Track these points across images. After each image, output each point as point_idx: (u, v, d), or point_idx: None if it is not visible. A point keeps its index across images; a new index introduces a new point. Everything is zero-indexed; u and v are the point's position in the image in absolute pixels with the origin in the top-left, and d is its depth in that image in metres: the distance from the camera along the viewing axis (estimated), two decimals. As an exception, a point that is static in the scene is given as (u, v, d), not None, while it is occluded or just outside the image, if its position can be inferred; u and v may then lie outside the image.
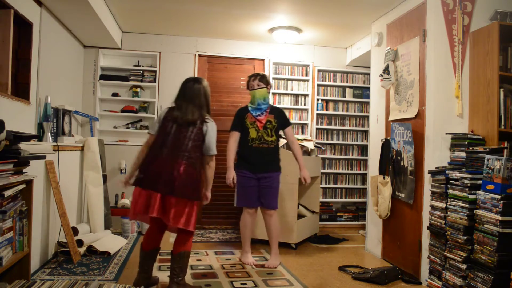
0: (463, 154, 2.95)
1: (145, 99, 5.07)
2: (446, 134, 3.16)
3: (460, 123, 3.19)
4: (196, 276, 3.17)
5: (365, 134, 5.55)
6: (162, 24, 4.75)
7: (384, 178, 3.70)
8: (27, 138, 2.60)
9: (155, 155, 2.68)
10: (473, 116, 3.15)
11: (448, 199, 2.91)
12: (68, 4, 3.47)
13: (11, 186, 2.40)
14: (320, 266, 3.58)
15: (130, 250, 3.87)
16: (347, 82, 5.56)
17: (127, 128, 5.04)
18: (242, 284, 3.02)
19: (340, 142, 5.52)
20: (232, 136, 3.55)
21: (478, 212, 2.65)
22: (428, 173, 3.15)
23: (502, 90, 2.93)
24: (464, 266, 2.71)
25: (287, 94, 5.44)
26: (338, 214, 5.50)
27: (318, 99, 5.47)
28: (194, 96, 2.78)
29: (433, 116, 3.20)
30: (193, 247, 3.35)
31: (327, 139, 5.50)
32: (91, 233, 3.97)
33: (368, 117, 5.11)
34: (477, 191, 2.69)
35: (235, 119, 3.60)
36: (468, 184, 2.74)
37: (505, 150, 2.67)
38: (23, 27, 3.22)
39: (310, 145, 4.57)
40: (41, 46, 3.44)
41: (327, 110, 5.51)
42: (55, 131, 3.72)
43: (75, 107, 4.30)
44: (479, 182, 2.71)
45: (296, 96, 5.46)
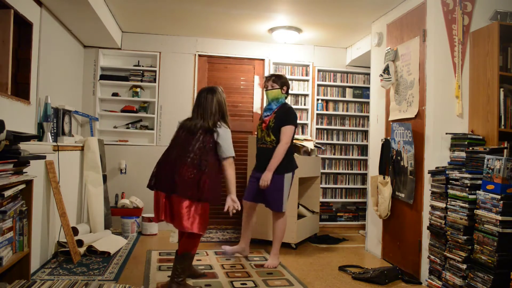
0: (463, 154, 2.95)
1: (145, 99, 5.07)
2: (446, 134, 3.16)
3: (460, 123, 3.19)
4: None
5: (365, 134, 5.56)
6: (162, 24, 4.75)
7: (384, 178, 3.70)
8: (27, 138, 2.60)
9: (164, 158, 2.87)
10: (473, 116, 3.15)
11: (448, 199, 2.91)
12: (68, 4, 3.47)
13: (11, 186, 2.41)
14: (320, 266, 3.58)
15: (130, 250, 3.87)
16: (347, 82, 5.56)
17: (127, 128, 5.04)
18: (242, 284, 3.02)
19: (340, 142, 5.52)
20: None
21: (478, 212, 2.65)
22: (428, 173, 3.15)
23: (502, 90, 2.93)
24: (464, 266, 2.71)
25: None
26: (338, 214, 5.50)
27: (318, 99, 5.47)
28: (207, 106, 2.94)
29: (433, 116, 3.20)
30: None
31: (327, 139, 5.50)
32: (91, 233, 3.97)
33: (368, 117, 5.11)
34: (477, 191, 2.69)
35: None
36: (468, 184, 2.74)
37: (505, 150, 2.67)
38: (23, 27, 3.22)
39: (310, 145, 4.57)
40: (41, 46, 3.44)
41: (327, 110, 5.51)
42: (55, 131, 3.72)
43: (75, 107, 4.30)
44: (479, 182, 2.71)
45: (296, 96, 5.46)
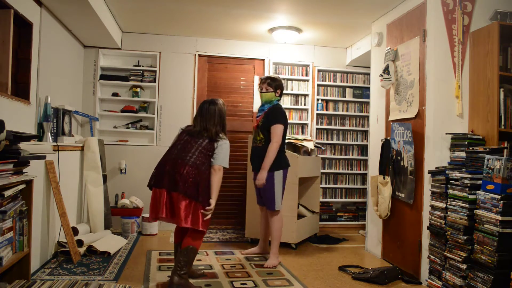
0: (463, 154, 2.95)
1: (145, 99, 5.06)
2: (446, 134, 3.16)
3: (460, 123, 3.19)
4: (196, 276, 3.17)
5: (365, 134, 5.55)
6: (162, 24, 4.75)
7: (384, 178, 3.69)
8: (27, 138, 2.60)
9: (165, 157, 2.94)
10: (473, 116, 3.15)
11: (448, 199, 2.91)
12: (68, 4, 3.47)
13: (11, 186, 2.41)
14: (320, 266, 3.58)
15: (130, 250, 3.87)
16: (347, 82, 5.56)
17: (127, 128, 5.04)
18: (242, 284, 3.02)
19: (340, 142, 5.52)
20: None
21: (478, 212, 2.65)
22: (428, 173, 3.15)
23: (502, 90, 2.93)
24: (464, 266, 2.71)
25: (287, 94, 5.43)
26: (338, 214, 5.50)
27: (318, 99, 5.47)
28: (210, 116, 3.03)
29: (433, 116, 3.20)
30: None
31: (327, 139, 5.50)
32: (91, 233, 3.97)
33: (368, 117, 5.11)
34: (477, 191, 2.69)
35: None
36: (468, 184, 2.74)
37: (505, 150, 2.67)
38: (23, 27, 3.22)
39: (310, 145, 4.57)
40: (41, 46, 3.44)
41: (327, 110, 5.51)
42: (55, 131, 3.72)
43: (75, 107, 4.30)
44: (479, 182, 2.71)
45: (296, 96, 5.46)
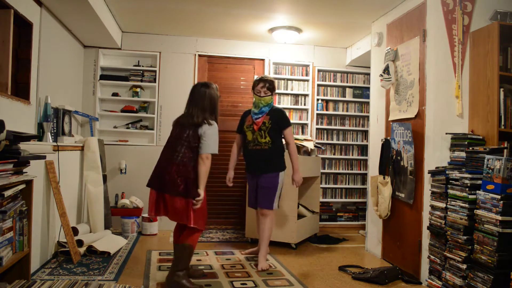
0: (463, 154, 2.95)
1: (145, 99, 5.06)
2: (446, 134, 3.16)
3: (460, 123, 3.19)
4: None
5: (365, 134, 5.55)
6: (162, 24, 4.75)
7: (384, 178, 3.70)
8: (27, 138, 2.60)
9: (159, 158, 2.95)
10: (473, 116, 3.15)
11: (448, 199, 2.91)
12: (68, 4, 3.47)
13: (11, 186, 2.41)
14: (320, 266, 3.58)
15: (130, 250, 3.87)
16: (347, 82, 5.56)
17: (127, 128, 5.04)
18: (242, 284, 3.02)
19: (340, 142, 5.52)
20: (236, 139, 3.75)
21: (478, 212, 2.65)
22: (428, 173, 3.15)
23: (502, 90, 2.93)
24: (464, 266, 2.71)
25: (287, 94, 5.43)
26: (338, 214, 5.50)
27: (318, 99, 5.47)
28: (200, 99, 2.94)
29: (433, 116, 3.20)
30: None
31: (327, 139, 5.50)
32: (91, 233, 3.97)
33: (368, 117, 5.11)
34: (477, 191, 2.69)
35: (239, 122, 3.74)
36: (468, 184, 2.74)
37: (505, 150, 2.67)
38: (23, 27, 3.22)
39: (310, 145, 4.57)
40: (41, 46, 3.44)
41: (327, 110, 5.51)
42: (55, 131, 3.71)
43: (75, 107, 4.30)
44: (479, 182, 2.71)
45: (296, 96, 5.46)
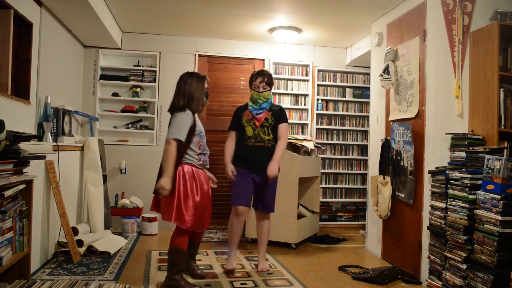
0: (463, 154, 2.95)
1: (145, 99, 5.06)
2: (446, 134, 3.15)
3: (460, 123, 3.19)
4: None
5: (365, 134, 5.55)
6: (162, 24, 4.75)
7: (384, 178, 3.69)
8: (27, 138, 2.60)
9: None
10: (473, 116, 3.15)
11: (448, 199, 2.91)
12: (68, 4, 3.47)
13: (11, 186, 2.41)
14: (320, 266, 3.58)
15: (130, 250, 3.87)
16: (347, 82, 5.56)
17: (127, 128, 5.04)
18: (242, 284, 3.02)
19: (340, 142, 5.52)
20: (229, 136, 3.45)
21: (478, 212, 2.65)
22: (428, 173, 3.15)
23: (502, 90, 2.93)
24: (464, 266, 2.71)
25: (287, 94, 5.44)
26: (338, 214, 5.50)
27: (318, 99, 5.47)
28: (180, 87, 2.94)
29: (433, 116, 3.20)
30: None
31: (327, 139, 5.50)
32: (91, 233, 3.97)
33: (368, 117, 5.11)
34: (477, 191, 2.69)
35: (232, 118, 3.48)
36: (468, 184, 2.74)
37: (505, 150, 2.67)
38: (23, 27, 3.22)
39: (310, 145, 4.57)
40: (41, 46, 3.44)
41: (327, 110, 5.51)
42: (55, 131, 3.71)
43: (75, 107, 4.30)
44: (479, 182, 2.71)
45: (296, 96, 5.46)
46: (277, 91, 5.39)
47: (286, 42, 4.99)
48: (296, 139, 4.54)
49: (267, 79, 3.35)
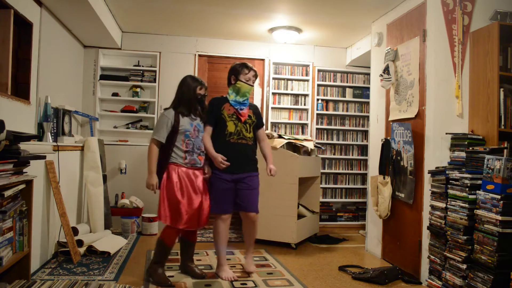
0: (463, 154, 2.95)
1: (145, 99, 5.07)
2: (446, 134, 3.16)
3: (460, 123, 3.19)
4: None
5: (365, 134, 5.55)
6: (162, 24, 4.75)
7: (384, 178, 3.69)
8: (27, 138, 2.60)
9: None
10: (473, 116, 3.15)
11: (448, 199, 2.91)
12: (68, 4, 3.47)
13: (11, 186, 2.41)
14: (320, 266, 3.58)
15: (130, 250, 3.87)
16: (347, 82, 5.56)
17: (127, 128, 5.04)
18: (242, 284, 3.02)
19: (340, 142, 5.52)
20: (205, 131, 3.11)
21: (478, 212, 2.65)
22: (428, 173, 3.15)
23: (502, 90, 2.93)
24: (464, 266, 2.71)
25: (287, 94, 5.44)
26: (338, 214, 5.50)
27: (318, 99, 5.47)
28: (177, 88, 3.14)
29: (433, 116, 3.20)
30: (193, 247, 3.35)
31: (327, 139, 5.50)
32: (91, 233, 3.97)
33: (368, 117, 5.11)
34: (477, 191, 2.69)
35: (210, 110, 3.15)
36: (468, 184, 2.74)
37: (505, 150, 2.67)
38: (23, 27, 3.22)
39: (310, 145, 4.57)
40: (41, 46, 3.44)
41: (327, 110, 5.51)
42: (55, 131, 3.71)
43: (75, 107, 4.30)
44: (479, 182, 2.71)
45: (296, 96, 5.46)
46: (277, 91, 5.39)
47: (286, 42, 4.99)
48: (296, 139, 4.53)
49: (256, 74, 3.23)
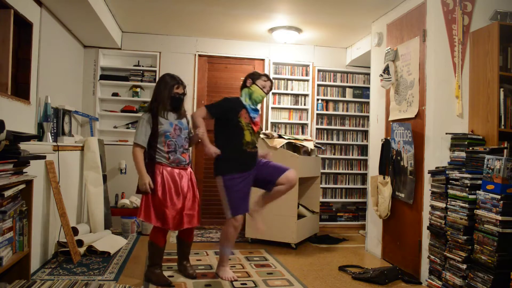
0: (463, 154, 2.95)
1: (145, 99, 5.06)
2: (446, 134, 3.16)
3: (460, 123, 3.19)
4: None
5: (365, 134, 5.55)
6: (162, 24, 4.75)
7: (384, 178, 3.70)
8: (27, 138, 2.60)
9: None
10: (473, 116, 3.15)
11: (448, 199, 2.91)
12: (68, 4, 3.47)
13: (11, 186, 2.40)
14: (320, 266, 3.58)
15: (130, 250, 3.87)
16: (347, 82, 5.56)
17: (127, 128, 5.04)
18: (242, 284, 3.02)
19: (340, 142, 5.52)
20: (200, 110, 3.05)
21: (478, 212, 2.65)
22: (428, 173, 3.15)
23: (502, 90, 2.93)
24: (464, 266, 2.71)
25: (287, 94, 5.44)
26: (338, 214, 5.50)
27: (318, 99, 5.47)
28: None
29: (433, 116, 3.20)
30: (193, 247, 3.34)
31: (327, 139, 5.50)
32: (91, 233, 3.97)
33: (368, 117, 5.11)
34: (477, 191, 2.69)
35: (223, 106, 3.09)
36: (468, 184, 2.74)
37: (505, 150, 2.67)
38: (23, 27, 3.22)
39: (310, 145, 4.57)
40: (41, 46, 3.44)
41: (327, 110, 5.51)
42: (55, 131, 3.71)
43: (75, 107, 4.30)
44: (479, 182, 2.71)
45: (296, 96, 5.46)
46: (277, 91, 5.39)
47: (286, 42, 4.99)
48: (296, 139, 4.53)
49: (272, 87, 3.22)
